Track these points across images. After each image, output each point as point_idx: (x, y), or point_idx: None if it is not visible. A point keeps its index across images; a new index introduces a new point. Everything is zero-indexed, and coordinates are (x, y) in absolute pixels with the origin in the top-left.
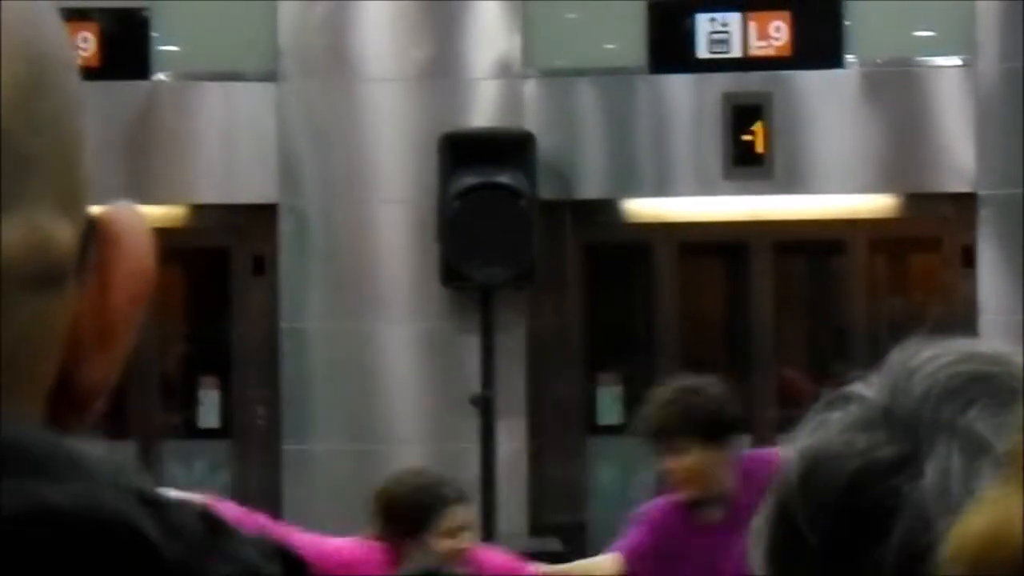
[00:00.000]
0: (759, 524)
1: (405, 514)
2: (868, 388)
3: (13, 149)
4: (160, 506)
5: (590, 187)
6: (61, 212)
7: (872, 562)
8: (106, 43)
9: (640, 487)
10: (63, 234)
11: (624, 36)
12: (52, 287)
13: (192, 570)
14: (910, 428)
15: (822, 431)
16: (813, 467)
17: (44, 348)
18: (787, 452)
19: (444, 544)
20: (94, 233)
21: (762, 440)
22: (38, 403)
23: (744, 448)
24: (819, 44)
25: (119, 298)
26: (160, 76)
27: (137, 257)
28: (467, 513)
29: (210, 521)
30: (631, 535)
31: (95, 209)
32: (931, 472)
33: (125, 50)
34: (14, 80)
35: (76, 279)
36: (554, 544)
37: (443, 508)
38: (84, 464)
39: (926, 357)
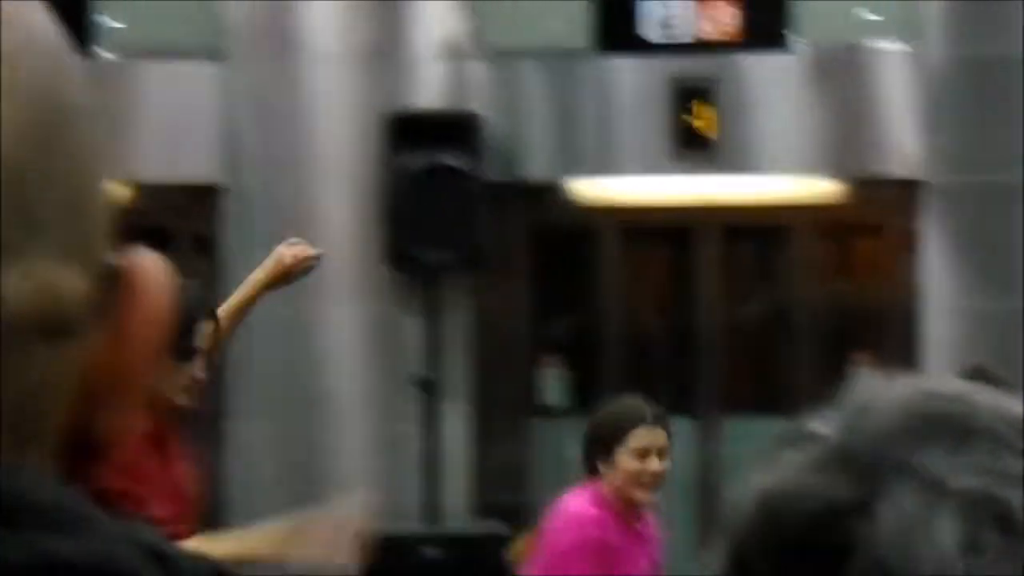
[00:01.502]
0: (715, 564)
1: (598, 433)
2: (824, 426)
3: (23, 204)
4: (172, 562)
5: (536, 169)
6: (71, 261)
7: None
8: None
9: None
10: (73, 284)
11: (571, 18)
12: (61, 337)
13: None
14: (866, 468)
15: (778, 471)
16: (768, 508)
17: (55, 398)
18: (741, 492)
19: (632, 465)
20: (113, 279)
21: (709, 425)
22: (50, 453)
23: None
24: (766, 28)
25: (135, 347)
26: (104, 54)
27: (154, 305)
28: (657, 436)
29: (220, 574)
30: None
31: (113, 256)
32: (886, 513)
33: (68, 27)
34: (27, 135)
35: (94, 325)
36: (497, 526)
37: (633, 428)
38: (95, 519)
39: (882, 395)
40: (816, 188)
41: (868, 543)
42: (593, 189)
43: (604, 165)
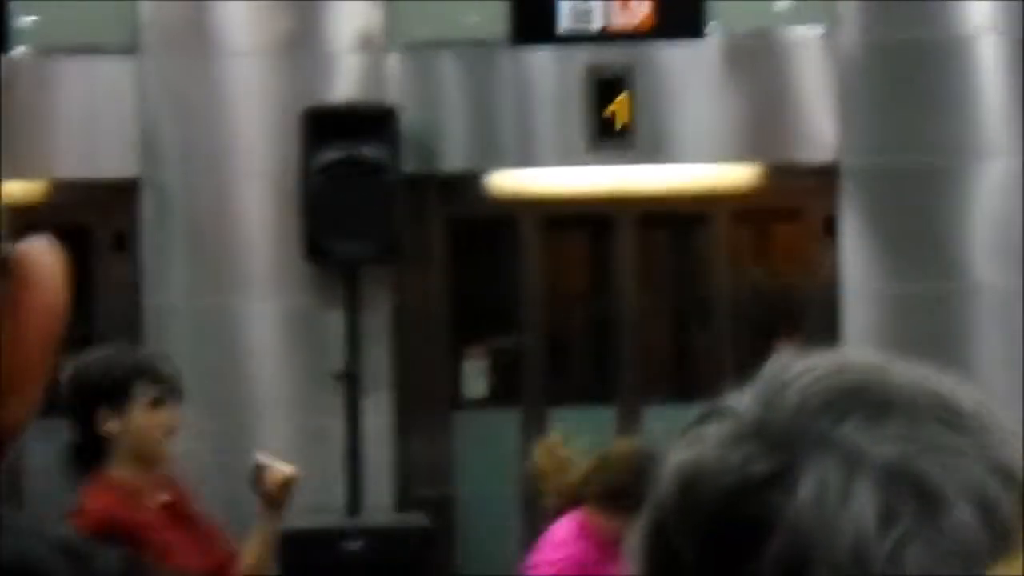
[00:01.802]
0: (635, 540)
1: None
2: (742, 402)
3: None
4: (82, 556)
5: (453, 160)
6: None
7: None
8: None
9: (505, 461)
10: None
11: (486, 9)
12: None
13: None
14: (784, 442)
15: (696, 446)
16: (688, 483)
17: None
18: (662, 465)
19: None
20: (5, 273)
21: (629, 413)
22: None
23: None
24: (680, 16)
25: (32, 338)
26: (18, 49)
27: (49, 295)
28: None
29: (131, 566)
30: None
31: (8, 249)
32: (806, 486)
33: None
34: None
35: None
36: (420, 519)
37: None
38: (5, 517)
39: (799, 370)
40: (733, 175)
41: (787, 515)
42: (511, 180)
43: (521, 156)
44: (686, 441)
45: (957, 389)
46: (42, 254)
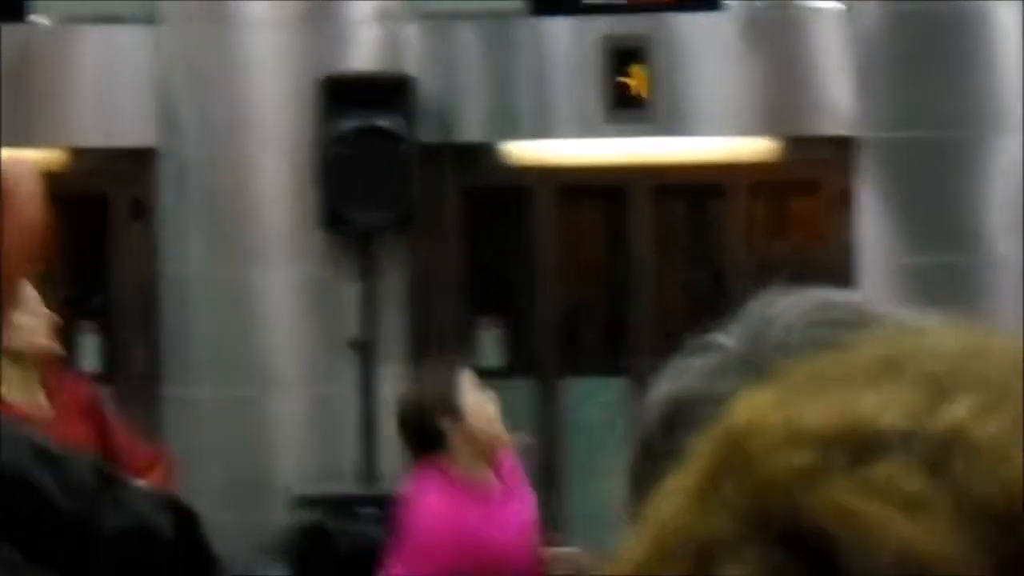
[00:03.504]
0: (625, 466)
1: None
2: (728, 336)
3: None
4: (55, 460)
5: (470, 131)
6: None
7: None
8: None
9: (520, 429)
10: None
11: None
12: None
13: (86, 522)
14: (767, 375)
15: (682, 378)
16: (673, 412)
17: None
18: (650, 397)
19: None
20: None
21: (643, 384)
22: None
23: None
24: None
25: (10, 249)
26: (37, 18)
27: (27, 209)
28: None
29: (103, 474)
30: None
31: None
32: None
33: None
34: None
35: None
36: None
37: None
38: None
39: (783, 306)
40: (750, 147)
41: None
42: (527, 150)
43: (538, 126)
44: (672, 373)
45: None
46: (20, 172)
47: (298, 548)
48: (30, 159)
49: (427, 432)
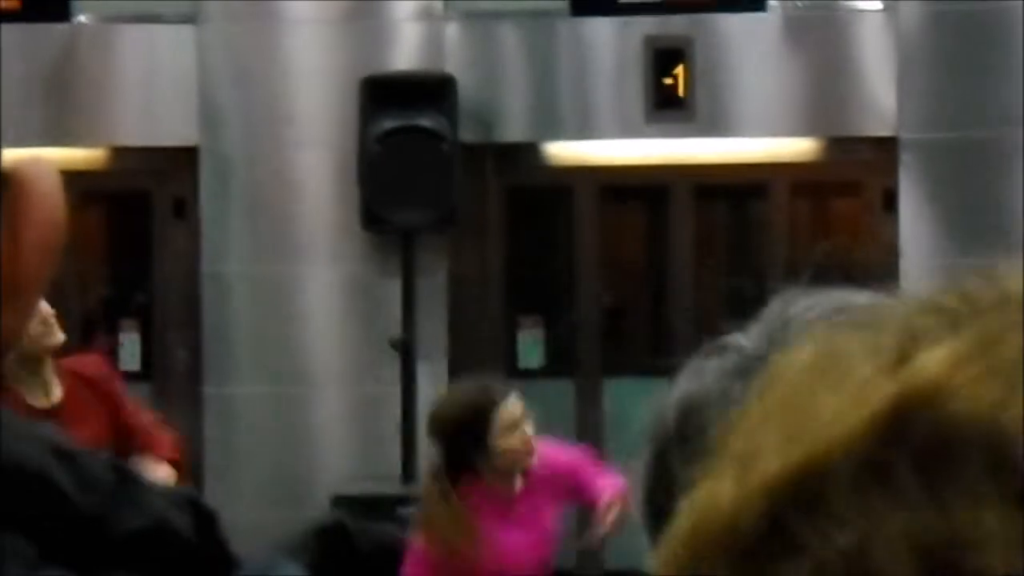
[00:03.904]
0: (639, 468)
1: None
2: (745, 338)
3: None
4: (73, 458)
5: (511, 130)
6: None
7: None
8: None
9: (559, 431)
10: None
11: None
12: None
13: (104, 520)
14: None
15: (699, 378)
16: (689, 413)
17: None
18: (665, 399)
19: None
20: (4, 186)
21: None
22: None
23: None
24: None
25: (29, 250)
26: (81, 18)
27: (47, 208)
28: (518, 406)
29: (121, 472)
30: None
31: (4, 162)
32: None
33: None
34: None
35: None
36: None
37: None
38: (3, 417)
39: (801, 308)
40: (792, 147)
41: None
42: (568, 150)
43: (579, 126)
44: (688, 374)
45: None
46: (40, 169)
47: (317, 547)
48: (47, 159)
49: (451, 452)
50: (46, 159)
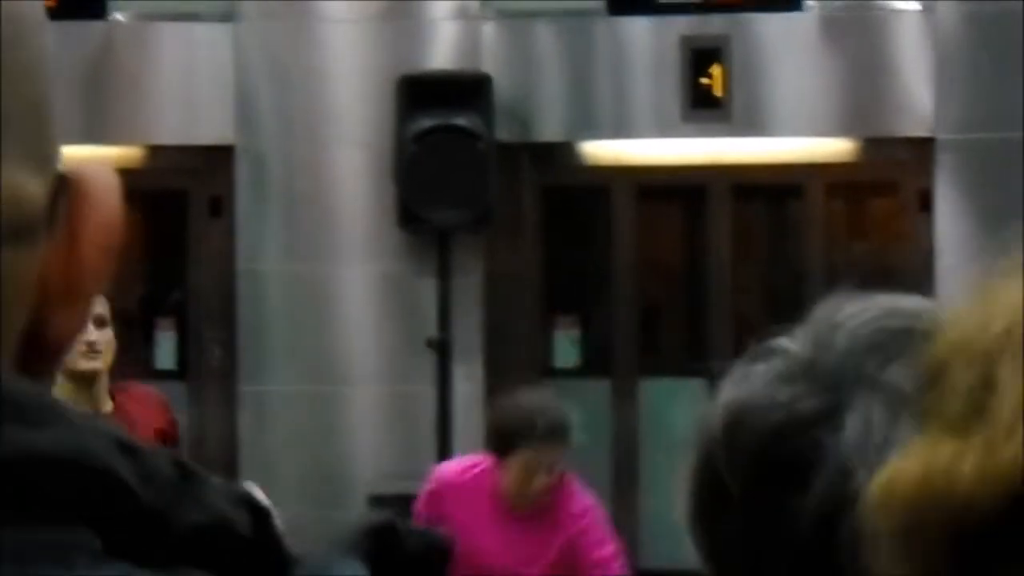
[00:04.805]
0: (685, 475)
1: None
2: (792, 342)
3: None
4: (136, 452)
5: (548, 129)
6: (33, 168)
7: (792, 512)
8: None
9: (595, 431)
10: (35, 189)
11: None
12: (25, 241)
13: (165, 515)
14: (832, 381)
15: (746, 383)
16: (737, 419)
17: (16, 300)
18: (712, 404)
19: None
20: (64, 188)
21: (717, 383)
22: (9, 353)
23: None
24: None
25: (88, 252)
26: (118, 16)
27: (106, 211)
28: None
29: (182, 468)
30: None
31: (64, 164)
32: (852, 424)
33: None
34: None
35: (45, 233)
36: None
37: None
38: (65, 412)
39: (849, 312)
40: (829, 147)
41: (832, 452)
42: (605, 150)
43: (616, 126)
44: (735, 379)
45: None
46: (99, 172)
47: (366, 547)
48: (108, 164)
49: (493, 447)
50: (105, 164)
